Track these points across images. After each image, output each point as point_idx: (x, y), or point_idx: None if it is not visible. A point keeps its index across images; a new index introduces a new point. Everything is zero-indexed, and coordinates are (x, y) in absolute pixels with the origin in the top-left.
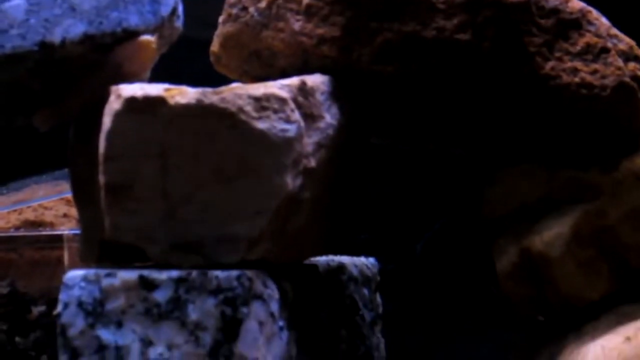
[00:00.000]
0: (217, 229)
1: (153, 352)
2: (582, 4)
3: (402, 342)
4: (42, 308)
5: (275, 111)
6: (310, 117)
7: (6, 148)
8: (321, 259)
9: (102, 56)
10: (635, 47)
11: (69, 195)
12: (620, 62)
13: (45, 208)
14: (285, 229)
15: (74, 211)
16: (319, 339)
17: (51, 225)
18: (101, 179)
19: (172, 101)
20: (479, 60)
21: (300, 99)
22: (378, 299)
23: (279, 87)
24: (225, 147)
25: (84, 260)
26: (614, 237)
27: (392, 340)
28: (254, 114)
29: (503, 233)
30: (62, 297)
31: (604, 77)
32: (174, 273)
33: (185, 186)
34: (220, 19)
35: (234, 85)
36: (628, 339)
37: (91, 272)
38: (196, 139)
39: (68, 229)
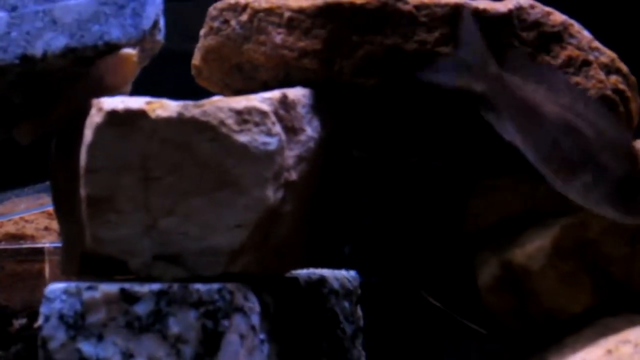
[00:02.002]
0: (198, 241)
1: None
2: (564, 17)
3: (384, 354)
4: (23, 321)
5: (257, 124)
6: (291, 130)
7: None
8: (302, 272)
9: (83, 69)
10: (617, 59)
11: (50, 208)
12: (602, 75)
13: (27, 221)
14: (266, 242)
15: (55, 224)
16: (300, 352)
17: (32, 238)
18: (82, 191)
19: (153, 114)
20: None
21: (281, 112)
22: (359, 312)
23: (260, 100)
24: (206, 160)
25: (65, 273)
26: (596, 250)
27: (373, 352)
28: (235, 127)
29: (485, 246)
30: (43, 310)
31: (585, 89)
32: (155, 286)
33: (166, 199)
34: (202, 32)
35: (216, 98)
36: (609, 352)
37: (72, 285)
38: (177, 152)
39: (49, 241)
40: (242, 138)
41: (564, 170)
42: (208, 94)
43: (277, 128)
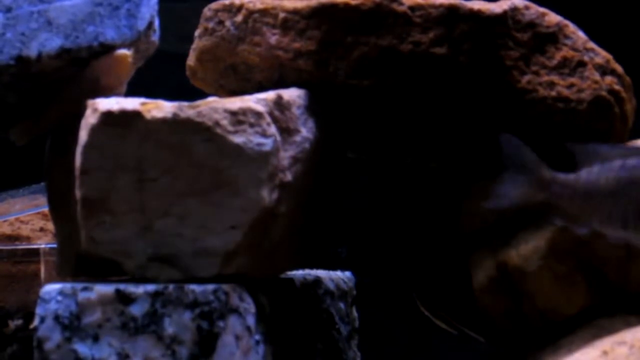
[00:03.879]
0: (193, 242)
1: None
2: (559, 18)
3: (379, 355)
4: (19, 322)
5: (252, 125)
6: (286, 131)
7: None
8: (297, 273)
9: (78, 70)
10: (612, 60)
11: (46, 209)
12: (597, 76)
13: (22, 222)
14: (261, 243)
15: (50, 225)
16: (295, 353)
17: (28, 239)
18: (77, 192)
19: (148, 115)
20: (456, 73)
21: (276, 113)
22: (354, 312)
23: (255, 101)
24: (201, 161)
25: (60, 274)
26: (592, 251)
27: (369, 353)
28: (230, 128)
29: (480, 247)
30: (39, 311)
31: (580, 90)
32: (150, 287)
33: (161, 200)
34: (197, 32)
35: (210, 99)
36: (605, 352)
37: (68, 286)
38: (172, 152)
39: (45, 242)
40: (237, 139)
41: None
42: (203, 95)
43: (272, 129)
